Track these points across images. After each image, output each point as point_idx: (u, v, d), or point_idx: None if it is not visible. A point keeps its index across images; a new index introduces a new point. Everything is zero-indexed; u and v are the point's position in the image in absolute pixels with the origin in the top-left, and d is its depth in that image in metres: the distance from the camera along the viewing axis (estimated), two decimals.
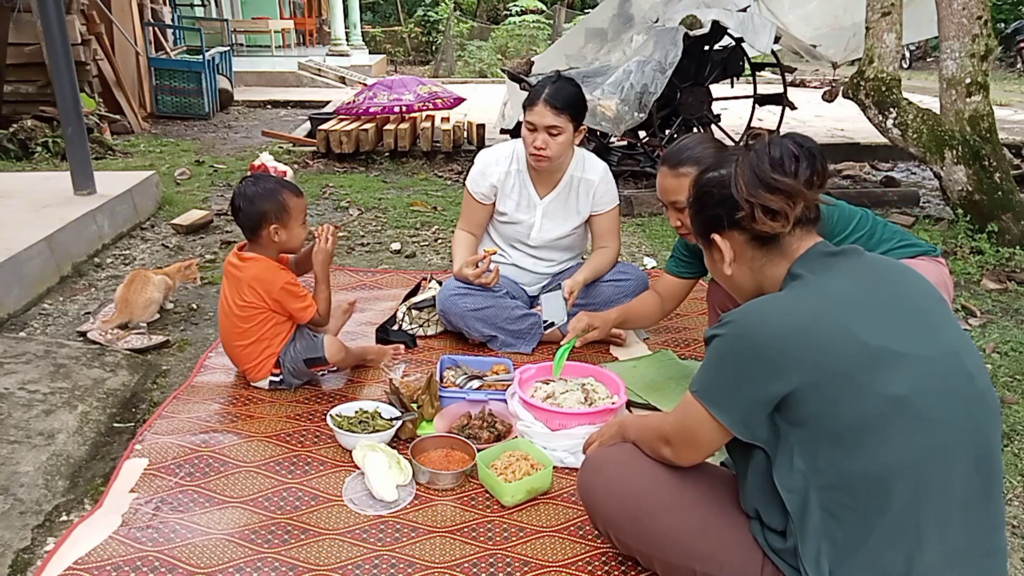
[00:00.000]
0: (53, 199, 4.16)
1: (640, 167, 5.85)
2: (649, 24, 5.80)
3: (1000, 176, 4.21)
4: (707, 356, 1.37)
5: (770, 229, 1.35)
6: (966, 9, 4.18)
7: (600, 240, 2.99)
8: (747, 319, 1.31)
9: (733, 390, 1.32)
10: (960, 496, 1.26)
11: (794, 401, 1.26)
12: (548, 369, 2.51)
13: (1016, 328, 3.22)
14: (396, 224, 4.74)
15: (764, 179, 1.33)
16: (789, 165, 1.32)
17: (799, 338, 1.25)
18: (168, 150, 7.08)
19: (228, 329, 2.52)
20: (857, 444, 1.23)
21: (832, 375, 1.23)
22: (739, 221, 1.37)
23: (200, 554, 1.77)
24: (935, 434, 1.23)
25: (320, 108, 8.75)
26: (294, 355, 2.52)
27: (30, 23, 6.38)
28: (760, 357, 1.27)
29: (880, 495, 1.24)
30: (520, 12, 18.94)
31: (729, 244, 1.43)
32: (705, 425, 1.37)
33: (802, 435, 1.27)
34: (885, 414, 1.22)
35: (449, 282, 2.92)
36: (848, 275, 1.32)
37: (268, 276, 2.44)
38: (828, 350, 1.23)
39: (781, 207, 1.32)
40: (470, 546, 1.84)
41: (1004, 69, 15.56)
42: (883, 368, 1.22)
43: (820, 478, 1.27)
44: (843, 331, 1.24)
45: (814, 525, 1.28)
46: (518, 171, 2.91)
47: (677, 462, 1.48)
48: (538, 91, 2.70)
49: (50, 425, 2.24)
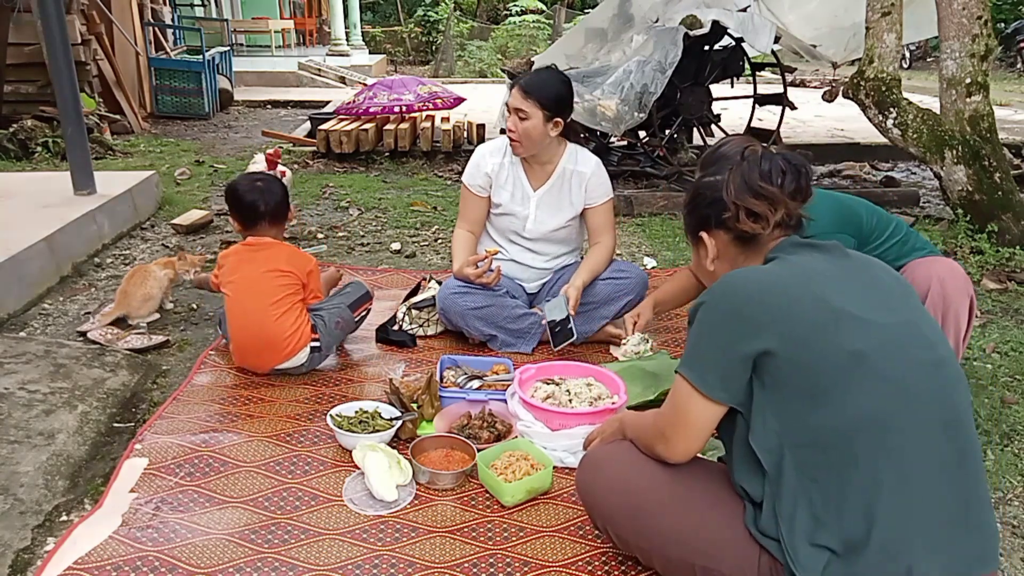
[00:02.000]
0: (53, 199, 4.16)
1: (640, 167, 5.85)
2: (649, 24, 5.80)
3: (1000, 176, 4.21)
4: (689, 329, 1.46)
5: (750, 229, 1.49)
6: (966, 9, 4.18)
7: (595, 235, 3.01)
8: (725, 286, 1.42)
9: (713, 353, 1.39)
10: (929, 461, 1.29)
11: (768, 360, 1.34)
12: (548, 369, 2.51)
13: (1016, 328, 3.22)
14: (396, 224, 4.74)
15: (751, 186, 1.47)
16: (776, 177, 1.47)
17: (771, 299, 1.36)
18: (168, 150, 7.08)
19: (261, 311, 2.53)
20: (823, 398, 1.31)
21: (800, 331, 1.33)
22: (725, 221, 1.51)
23: (200, 554, 1.77)
24: (895, 392, 1.30)
25: (320, 108, 8.75)
26: (332, 311, 2.69)
27: (30, 23, 6.39)
28: (737, 316, 1.37)
29: (848, 451, 1.29)
30: (520, 12, 18.94)
31: (714, 242, 1.57)
32: (691, 400, 1.42)
33: (775, 395, 1.35)
34: (847, 368, 1.30)
35: (449, 281, 2.93)
36: (819, 256, 1.44)
37: (301, 256, 2.68)
38: (797, 308, 1.34)
39: (763, 211, 1.47)
40: (470, 546, 1.84)
41: (1004, 69, 15.55)
42: (845, 327, 1.32)
43: (792, 436, 1.33)
44: (809, 292, 1.36)
45: (790, 485, 1.33)
46: (511, 163, 2.95)
47: (672, 455, 1.49)
48: (520, 79, 2.82)
49: (50, 425, 2.24)
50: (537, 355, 2.85)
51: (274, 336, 2.53)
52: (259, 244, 2.63)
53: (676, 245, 4.37)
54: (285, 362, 2.57)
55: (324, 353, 2.67)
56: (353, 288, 2.85)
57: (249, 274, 2.57)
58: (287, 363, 2.58)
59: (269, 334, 2.54)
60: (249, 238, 2.66)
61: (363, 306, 2.83)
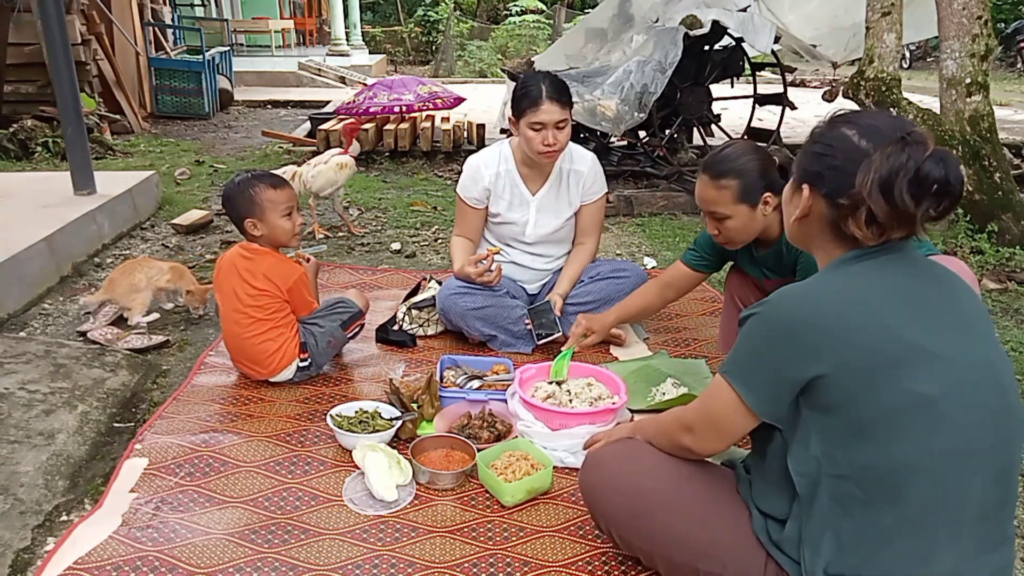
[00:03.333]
0: (53, 199, 4.16)
1: (640, 167, 5.85)
2: (649, 24, 5.81)
3: (1000, 176, 4.21)
4: (740, 335, 1.36)
5: (858, 233, 1.28)
6: (966, 9, 4.18)
7: (581, 235, 3.02)
8: (784, 300, 1.29)
9: (763, 368, 1.30)
10: (976, 507, 1.23)
11: (821, 386, 1.24)
12: (549, 369, 2.51)
13: (1016, 328, 3.22)
14: (396, 224, 4.74)
15: (892, 190, 1.22)
16: (927, 193, 1.22)
17: (833, 324, 1.23)
18: (168, 150, 7.08)
19: (239, 323, 2.48)
20: (875, 437, 1.22)
21: (862, 364, 1.21)
22: (838, 196, 1.30)
23: (200, 554, 1.77)
24: (956, 440, 1.21)
25: (320, 108, 8.75)
26: (324, 328, 2.60)
27: (30, 23, 6.39)
28: (793, 337, 1.26)
29: (892, 492, 1.22)
30: (520, 12, 18.94)
31: (810, 204, 1.36)
32: (731, 407, 1.35)
33: (823, 421, 1.26)
34: (909, 411, 1.20)
35: (449, 281, 2.92)
36: (896, 270, 1.29)
37: (284, 268, 2.52)
38: (861, 339, 1.22)
39: (886, 223, 1.25)
40: (470, 546, 1.84)
41: (1004, 69, 15.55)
42: (914, 365, 1.20)
43: (834, 466, 1.25)
44: (879, 322, 1.22)
45: (821, 512, 1.27)
46: (507, 171, 2.94)
47: (696, 449, 1.46)
48: (535, 91, 2.70)
49: (50, 425, 2.24)
50: (537, 355, 2.85)
51: (256, 355, 2.51)
52: (249, 251, 2.50)
53: (676, 245, 4.37)
54: (271, 377, 2.56)
55: (314, 370, 2.62)
56: (345, 306, 2.71)
57: (234, 287, 2.48)
58: (274, 378, 2.56)
59: (251, 353, 2.51)
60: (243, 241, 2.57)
61: (355, 323, 2.73)
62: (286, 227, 2.50)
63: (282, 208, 2.48)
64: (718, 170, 2.16)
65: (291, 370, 2.55)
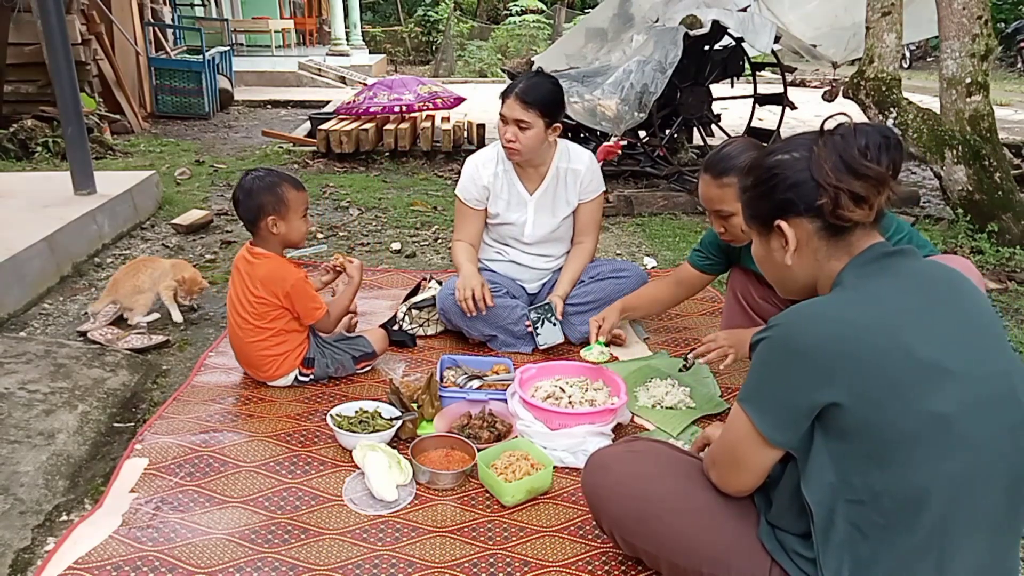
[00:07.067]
0: (53, 199, 4.16)
1: (640, 167, 5.85)
2: (649, 24, 5.81)
3: (1000, 176, 4.21)
4: (753, 361, 1.32)
5: (857, 217, 1.28)
6: (966, 9, 4.18)
7: (579, 234, 3.02)
8: (796, 323, 1.25)
9: (776, 394, 1.27)
10: (987, 519, 1.23)
11: (835, 412, 1.21)
12: (549, 369, 2.51)
13: (1016, 328, 3.22)
14: (396, 224, 4.74)
15: (852, 165, 1.26)
16: (876, 153, 1.27)
17: (846, 347, 1.19)
18: (168, 150, 7.08)
19: (240, 326, 2.49)
20: (893, 461, 1.19)
21: (877, 389, 1.18)
22: (817, 208, 1.29)
23: (200, 554, 1.77)
24: (973, 457, 1.19)
25: (320, 108, 8.75)
26: (338, 354, 2.58)
27: (30, 23, 6.38)
28: (806, 363, 1.22)
29: (911, 514, 1.20)
30: (520, 12, 18.95)
31: (795, 232, 1.34)
32: (747, 438, 1.31)
33: (838, 448, 1.23)
34: (926, 433, 1.18)
35: (450, 281, 2.92)
36: (905, 281, 1.27)
37: (279, 273, 2.45)
38: (877, 362, 1.18)
39: (868, 194, 1.27)
40: (470, 546, 1.84)
41: (1004, 69, 15.55)
42: (930, 383, 1.18)
43: (850, 492, 1.23)
44: (895, 343, 1.19)
45: (839, 539, 1.25)
46: (504, 171, 2.94)
47: (721, 486, 1.43)
48: (513, 85, 2.76)
49: (50, 425, 2.24)
50: (537, 355, 2.85)
51: (255, 359, 2.52)
52: (252, 254, 2.49)
53: (676, 245, 4.37)
54: (269, 382, 2.56)
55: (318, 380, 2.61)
56: (364, 344, 2.66)
57: (237, 288, 2.49)
58: (272, 383, 2.57)
59: (250, 357, 2.53)
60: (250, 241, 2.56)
61: (366, 361, 2.67)
62: (303, 228, 2.51)
63: (302, 209, 2.50)
64: (720, 169, 2.18)
65: (289, 379, 2.56)
